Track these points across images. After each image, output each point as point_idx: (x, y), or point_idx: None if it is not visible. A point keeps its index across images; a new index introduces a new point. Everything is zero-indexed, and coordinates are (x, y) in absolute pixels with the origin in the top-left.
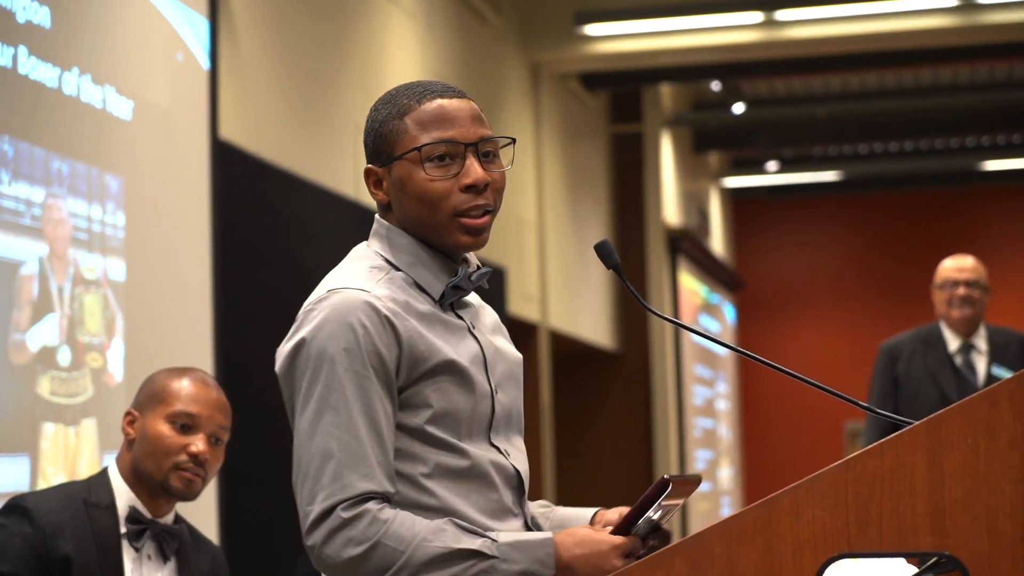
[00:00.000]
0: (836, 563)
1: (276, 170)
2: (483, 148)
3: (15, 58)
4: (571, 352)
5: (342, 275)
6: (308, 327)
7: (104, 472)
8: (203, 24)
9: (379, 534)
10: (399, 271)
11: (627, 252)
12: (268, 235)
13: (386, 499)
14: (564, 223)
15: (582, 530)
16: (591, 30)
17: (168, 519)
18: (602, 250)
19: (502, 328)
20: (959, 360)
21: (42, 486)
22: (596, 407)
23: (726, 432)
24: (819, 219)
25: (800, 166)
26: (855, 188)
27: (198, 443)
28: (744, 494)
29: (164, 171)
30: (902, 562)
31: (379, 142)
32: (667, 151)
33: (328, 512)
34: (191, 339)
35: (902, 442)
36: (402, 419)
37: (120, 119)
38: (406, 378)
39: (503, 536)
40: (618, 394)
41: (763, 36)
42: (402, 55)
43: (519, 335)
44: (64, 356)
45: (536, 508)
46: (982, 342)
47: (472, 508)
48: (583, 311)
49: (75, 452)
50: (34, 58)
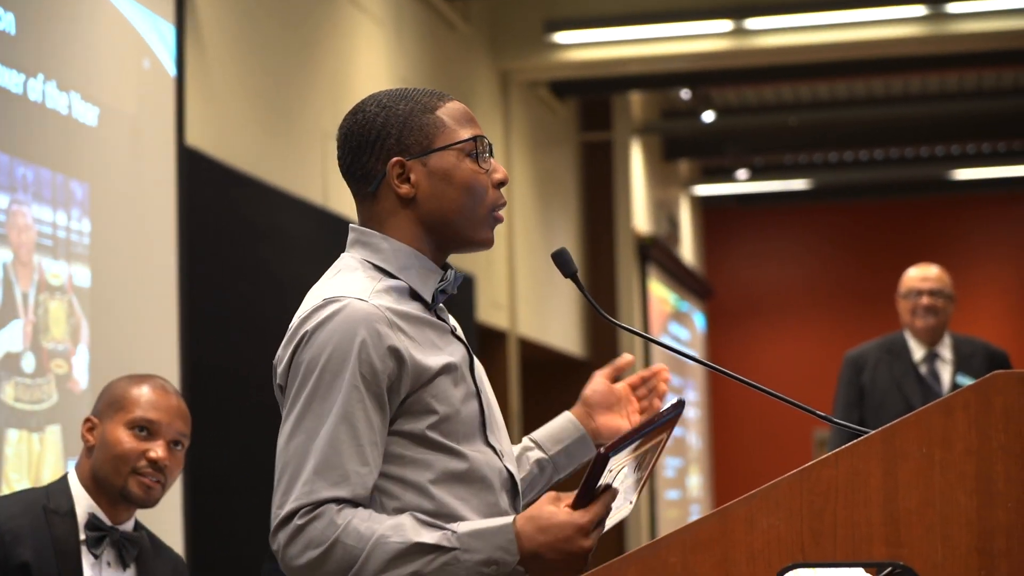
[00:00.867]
0: (790, 572)
1: (243, 177)
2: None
3: None
4: (540, 359)
5: (338, 283)
6: (303, 334)
7: (64, 479)
8: (170, 31)
9: (336, 534)
10: (392, 277)
11: (597, 260)
12: (235, 242)
13: (351, 504)
14: (533, 231)
15: (544, 513)
16: (560, 38)
17: (128, 526)
18: (559, 258)
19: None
20: (924, 369)
21: (5, 492)
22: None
23: (695, 440)
24: (789, 227)
25: (770, 174)
26: (825, 196)
27: (158, 449)
28: (713, 502)
29: (130, 178)
30: (858, 571)
31: (409, 134)
32: (637, 159)
33: (291, 516)
34: (157, 346)
35: (857, 451)
36: (403, 426)
37: (86, 125)
38: (410, 387)
39: (462, 527)
40: None
41: (733, 44)
42: (371, 62)
43: (488, 343)
44: (28, 362)
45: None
46: (947, 351)
47: (472, 512)
48: (552, 319)
49: (39, 459)
50: None
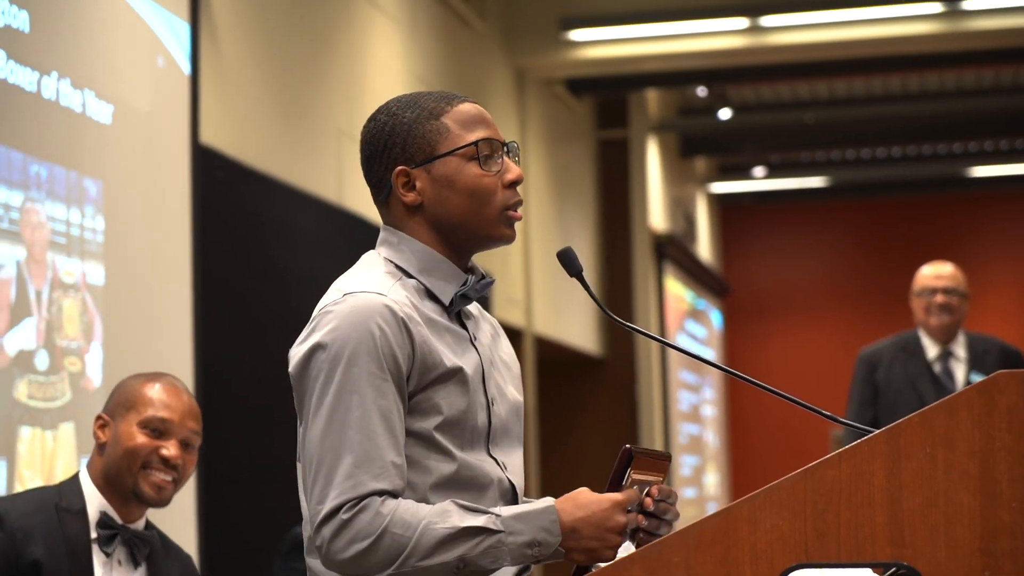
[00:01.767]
0: (794, 573)
1: (258, 175)
2: (509, 148)
3: None
4: (556, 357)
5: (357, 279)
6: (324, 329)
7: (75, 477)
8: (184, 28)
9: (384, 524)
10: (411, 278)
11: (613, 258)
12: (249, 240)
13: (393, 496)
14: (549, 228)
15: (581, 493)
16: (576, 35)
17: (139, 525)
18: (565, 257)
19: (501, 335)
20: (938, 368)
21: (18, 490)
22: (581, 413)
23: (712, 438)
24: (806, 225)
25: (787, 172)
26: (842, 194)
27: (170, 447)
28: (730, 500)
29: (144, 175)
30: (863, 572)
31: (413, 142)
32: (653, 156)
33: (336, 511)
34: (171, 344)
35: (860, 452)
36: (411, 425)
37: (100, 123)
38: (417, 383)
39: (505, 511)
40: (603, 400)
41: (749, 42)
42: (386, 60)
43: None
44: (42, 360)
45: None
46: (961, 349)
47: None
48: (568, 316)
49: (52, 456)
50: (12, 62)
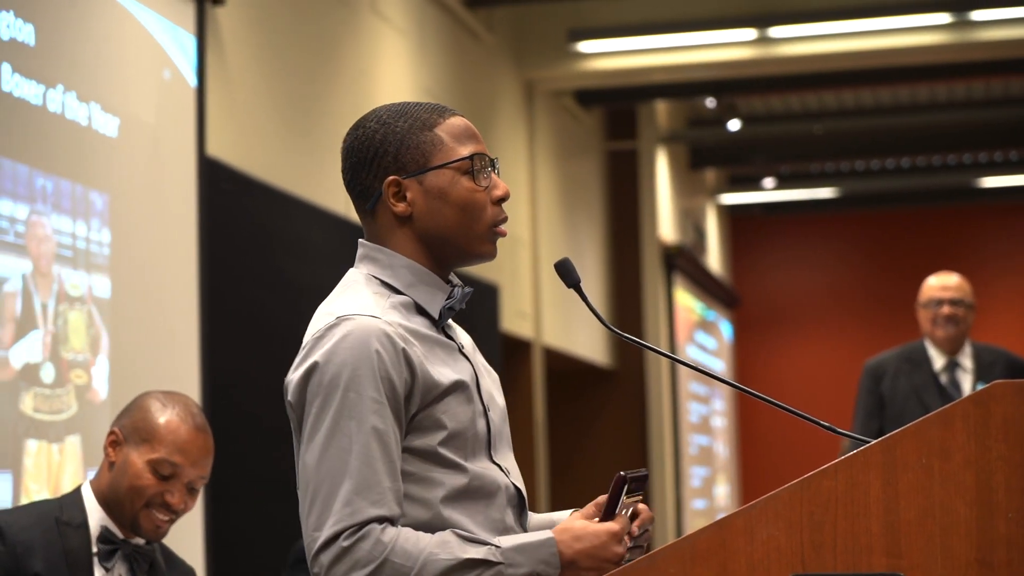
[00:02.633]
0: None
1: (264, 187)
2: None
3: None
4: (565, 369)
5: (347, 302)
6: (319, 353)
7: (77, 491)
8: (190, 41)
9: (385, 553)
10: (399, 294)
11: (622, 269)
12: (256, 252)
13: (392, 522)
14: (558, 240)
15: (577, 523)
16: (585, 47)
17: (140, 539)
18: (562, 268)
19: (476, 348)
20: (944, 378)
21: (24, 503)
22: (591, 424)
23: (722, 449)
24: (816, 236)
25: (797, 183)
26: (852, 205)
27: (175, 493)
28: None
29: (150, 188)
30: None
31: (406, 152)
32: (663, 168)
33: (335, 537)
34: (177, 357)
35: (856, 463)
36: (413, 442)
37: (105, 136)
38: (420, 403)
39: (505, 541)
40: (613, 411)
41: (757, 53)
42: (393, 73)
43: (512, 352)
44: (48, 373)
45: None
46: (968, 360)
47: (479, 528)
48: (577, 328)
49: (59, 469)
50: (18, 75)
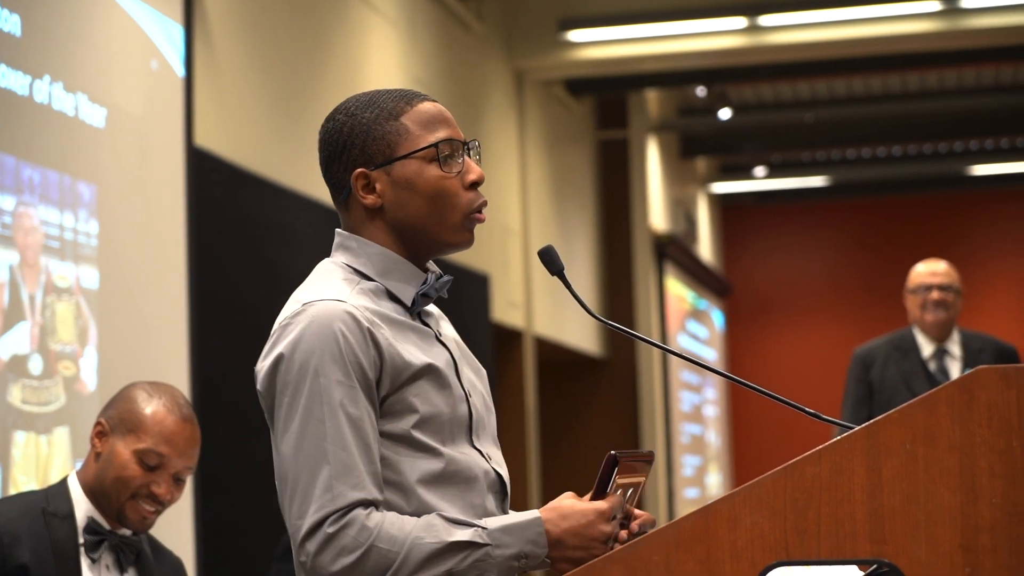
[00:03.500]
0: (774, 571)
1: (253, 177)
2: (471, 146)
3: None
4: (557, 358)
5: (315, 288)
6: (286, 341)
7: (64, 482)
8: (178, 31)
9: (371, 539)
10: (371, 281)
11: (613, 258)
12: (245, 242)
13: (375, 506)
14: (549, 230)
15: (565, 502)
16: (575, 36)
17: (126, 530)
18: (546, 256)
19: (461, 343)
20: (933, 366)
21: (11, 494)
22: (583, 413)
23: (714, 438)
24: (807, 224)
25: (787, 171)
26: (843, 193)
27: (161, 484)
28: None
29: (138, 179)
30: (844, 568)
31: (372, 144)
32: (654, 157)
33: (319, 524)
34: (166, 348)
35: (840, 449)
36: (386, 427)
37: (93, 127)
38: (390, 386)
39: (492, 523)
40: (605, 400)
41: (748, 41)
42: (383, 63)
43: (504, 342)
44: (36, 364)
45: None
46: (956, 347)
47: (458, 513)
48: (569, 317)
49: (47, 461)
50: (4, 66)
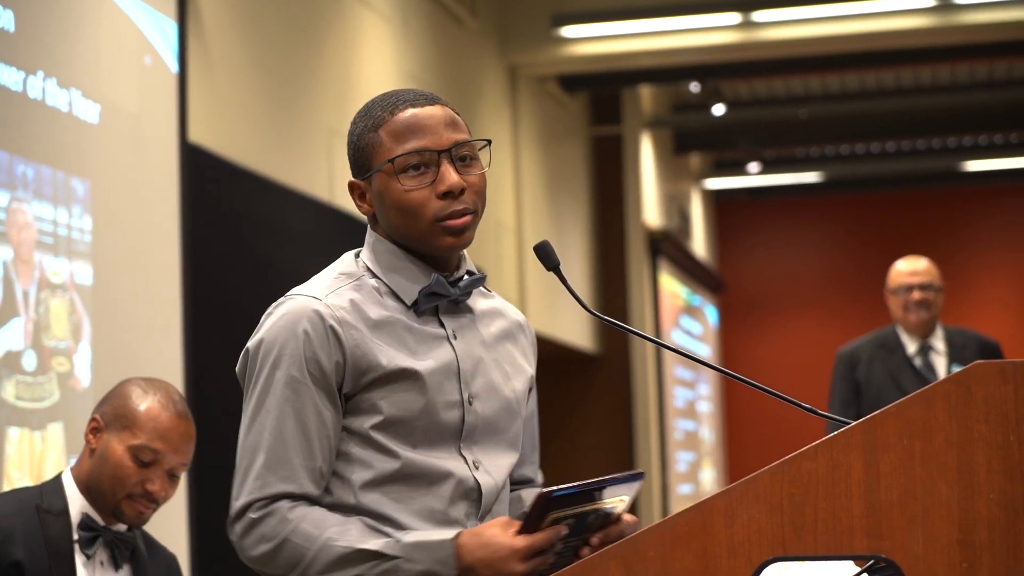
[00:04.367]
0: (771, 566)
1: (247, 173)
2: (459, 152)
3: None
4: (551, 355)
5: (310, 281)
6: (260, 330)
7: (58, 478)
8: (171, 27)
9: (287, 531)
10: (376, 278)
11: (607, 254)
12: (239, 239)
13: (305, 499)
14: (543, 226)
15: (489, 530)
16: (568, 32)
17: (121, 526)
18: (541, 251)
19: (516, 340)
20: (919, 362)
21: (5, 491)
22: (577, 409)
23: (708, 434)
24: (801, 220)
25: (781, 167)
26: (837, 189)
27: (155, 481)
28: None
29: (132, 175)
30: (841, 564)
31: (358, 156)
32: (647, 153)
33: (245, 509)
34: (160, 343)
35: (837, 444)
36: (350, 423)
37: (87, 122)
38: (352, 385)
39: (409, 536)
40: (599, 396)
41: (742, 37)
42: (377, 58)
43: None
44: (30, 360)
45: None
46: (940, 343)
47: (411, 515)
48: (563, 313)
49: (41, 457)
50: None
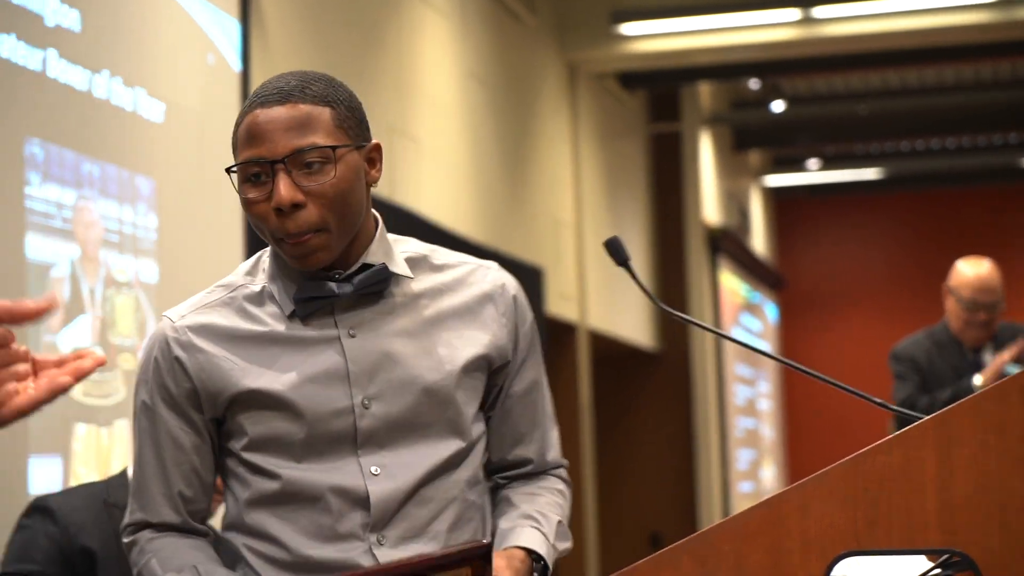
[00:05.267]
0: (844, 561)
1: None
2: (302, 159)
3: (45, 61)
4: (611, 352)
5: (190, 298)
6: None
7: (123, 473)
8: (234, 26)
9: (142, 564)
10: (256, 286)
11: (666, 252)
12: None
13: (168, 528)
14: (602, 223)
15: None
16: (627, 29)
17: None
18: (611, 246)
19: (474, 314)
20: (974, 358)
21: (72, 486)
22: (637, 408)
23: (768, 432)
24: (861, 217)
25: (841, 164)
26: (896, 185)
27: None
28: None
29: (196, 173)
30: (914, 559)
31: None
32: (707, 150)
33: (123, 529)
34: None
35: (911, 438)
36: (225, 444)
37: (151, 121)
38: (213, 409)
39: None
40: (658, 394)
41: (801, 33)
42: (436, 56)
43: (557, 335)
44: None
45: (517, 494)
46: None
47: (297, 532)
48: (622, 311)
49: (107, 453)
50: (64, 61)
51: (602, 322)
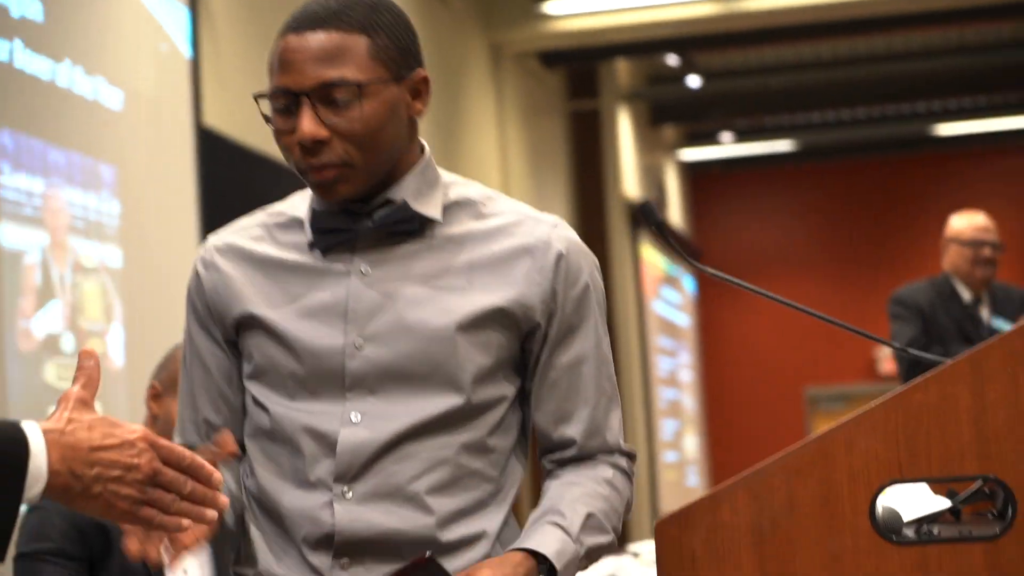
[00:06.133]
0: (889, 488)
1: (259, 157)
2: (327, 94)
3: (11, 52)
4: None
5: None
6: None
7: None
8: (183, 13)
9: None
10: (295, 212)
11: (589, 226)
12: None
13: None
14: (528, 199)
15: None
16: (550, 8)
17: None
18: (645, 211)
19: (509, 265)
20: (974, 311)
21: None
22: None
23: (690, 402)
24: (775, 189)
25: (754, 136)
26: (809, 157)
27: None
28: (710, 463)
29: (154, 159)
30: (955, 484)
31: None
32: (625, 126)
33: None
34: None
35: (945, 376)
36: (242, 369)
37: (111, 109)
38: (224, 330)
39: None
40: None
41: (717, 9)
42: None
43: None
44: (68, 342)
45: (556, 483)
46: (986, 296)
47: (275, 473)
48: None
49: None
50: (29, 51)
51: None
